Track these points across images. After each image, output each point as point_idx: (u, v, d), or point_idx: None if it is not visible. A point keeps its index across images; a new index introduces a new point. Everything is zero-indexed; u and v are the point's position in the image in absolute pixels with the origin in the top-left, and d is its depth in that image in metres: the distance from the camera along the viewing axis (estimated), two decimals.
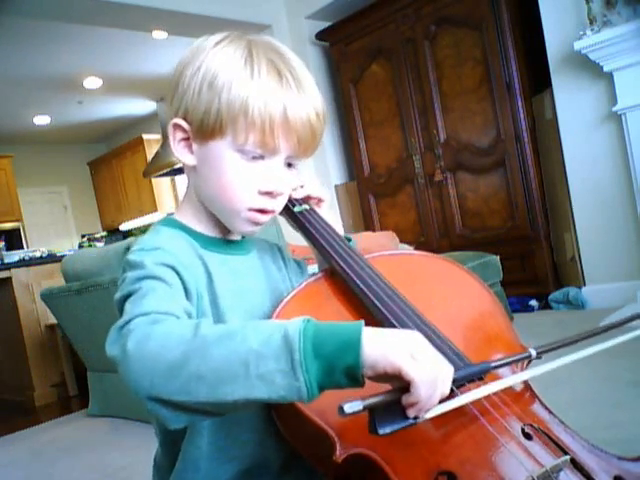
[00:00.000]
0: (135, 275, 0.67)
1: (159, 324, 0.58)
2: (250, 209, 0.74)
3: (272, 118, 0.70)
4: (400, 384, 0.55)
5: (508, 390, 0.69)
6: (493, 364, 0.66)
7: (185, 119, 0.73)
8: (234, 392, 0.54)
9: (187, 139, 0.75)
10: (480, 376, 0.66)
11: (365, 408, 0.54)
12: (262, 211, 0.75)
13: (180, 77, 0.74)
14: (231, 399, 0.54)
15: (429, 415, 0.57)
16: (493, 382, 0.65)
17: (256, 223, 0.76)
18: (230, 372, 0.54)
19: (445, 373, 0.57)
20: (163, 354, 0.55)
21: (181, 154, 0.76)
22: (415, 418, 0.57)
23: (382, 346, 0.55)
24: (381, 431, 0.56)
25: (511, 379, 0.68)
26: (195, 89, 0.72)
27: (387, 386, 0.57)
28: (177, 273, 0.68)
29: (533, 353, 0.64)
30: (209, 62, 0.72)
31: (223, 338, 0.55)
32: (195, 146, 0.75)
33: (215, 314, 0.73)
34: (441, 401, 0.58)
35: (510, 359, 0.68)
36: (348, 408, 0.52)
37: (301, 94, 0.72)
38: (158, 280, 0.65)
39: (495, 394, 0.66)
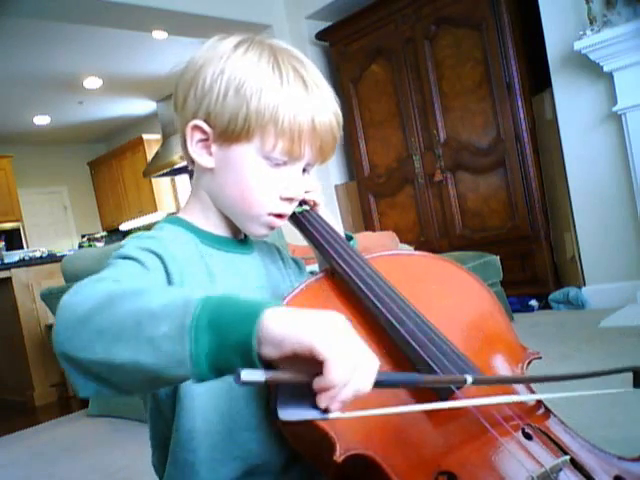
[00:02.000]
0: (114, 254, 0.68)
1: (100, 282, 0.57)
2: (270, 214, 0.76)
3: (301, 127, 0.71)
4: (313, 371, 0.48)
5: (509, 391, 0.69)
6: (425, 378, 0.59)
7: (206, 121, 0.73)
8: (123, 353, 0.49)
9: (205, 140, 0.74)
10: (405, 386, 0.58)
11: (267, 382, 0.46)
12: (280, 216, 0.77)
13: (196, 77, 0.73)
14: (119, 360, 0.50)
15: (341, 416, 0.50)
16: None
17: (272, 227, 0.78)
18: (124, 330, 0.50)
19: (368, 364, 0.50)
20: (78, 307, 0.53)
21: (199, 156, 0.75)
22: (325, 412, 0.49)
23: (291, 322, 0.48)
24: (282, 416, 0.50)
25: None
26: (220, 93, 0.71)
27: None
28: (161, 261, 0.68)
29: (469, 380, 0.57)
30: (233, 66, 0.71)
31: (130, 295, 0.52)
32: (215, 148, 0.74)
33: None
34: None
35: (442, 379, 0.63)
36: (246, 375, 0.45)
37: (324, 102, 0.74)
38: (133, 260, 0.66)
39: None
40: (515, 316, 3.21)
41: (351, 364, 0.48)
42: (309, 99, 0.72)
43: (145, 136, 7.41)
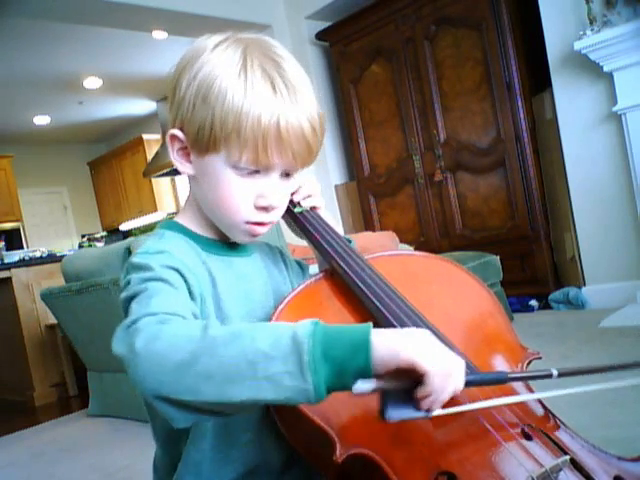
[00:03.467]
0: (141, 276, 0.66)
1: (167, 324, 0.58)
2: (247, 222, 0.75)
3: (265, 135, 0.68)
4: (413, 379, 0.55)
5: (508, 392, 0.69)
6: (510, 375, 0.64)
7: (182, 130, 0.73)
8: (242, 392, 0.54)
9: (184, 148, 0.74)
10: (493, 384, 0.64)
11: (376, 389, 0.54)
12: (260, 224, 0.75)
13: (177, 82, 0.73)
14: (238, 399, 0.54)
15: (442, 412, 0.57)
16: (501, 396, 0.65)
17: (254, 235, 0.76)
18: (238, 372, 0.54)
19: (458, 366, 0.57)
20: (172, 353, 0.55)
21: (180, 164, 0.75)
22: (427, 412, 0.57)
23: (393, 344, 0.55)
24: (389, 416, 0.56)
25: (525, 396, 0.68)
26: (190, 101, 0.70)
27: None
28: (182, 276, 0.68)
29: (554, 373, 0.62)
30: (204, 70, 0.70)
31: (232, 338, 0.55)
32: (193, 157, 0.74)
33: (219, 317, 0.73)
34: (449, 404, 0.58)
35: (529, 374, 0.67)
36: (358, 387, 0.53)
37: (295, 107, 0.70)
38: (164, 282, 0.65)
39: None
40: (515, 316, 3.20)
41: (446, 373, 0.55)
42: (275, 102, 0.68)
43: (145, 136, 7.41)
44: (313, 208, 0.89)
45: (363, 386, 0.53)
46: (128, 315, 0.62)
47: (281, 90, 0.69)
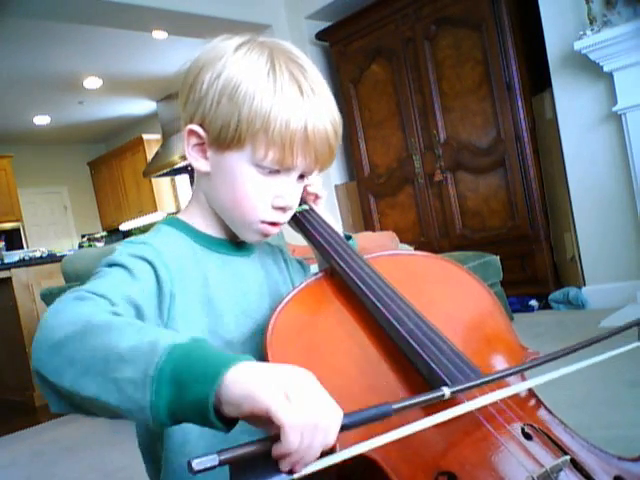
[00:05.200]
0: (107, 260, 0.68)
1: (82, 302, 0.58)
2: (263, 222, 0.75)
3: (293, 136, 0.69)
4: (273, 431, 0.46)
5: (503, 386, 0.69)
6: (395, 406, 0.53)
7: (201, 126, 0.72)
8: (89, 387, 0.51)
9: (201, 144, 0.74)
10: (376, 421, 0.53)
11: (222, 462, 0.44)
12: (274, 224, 0.76)
13: (196, 80, 0.72)
14: (86, 394, 0.51)
15: (308, 469, 0.47)
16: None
17: (266, 235, 0.77)
18: (93, 366, 0.51)
19: (329, 421, 0.47)
20: (56, 331, 0.54)
21: (195, 160, 0.75)
22: (290, 472, 0.47)
23: (251, 382, 0.46)
24: None
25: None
26: (214, 98, 0.70)
27: None
28: (153, 268, 0.68)
29: (447, 393, 0.56)
30: (230, 70, 0.70)
31: (104, 329, 0.53)
32: (210, 153, 0.74)
33: (211, 316, 0.73)
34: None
35: (417, 400, 0.56)
36: (197, 464, 0.43)
37: (320, 110, 0.71)
38: (121, 267, 0.66)
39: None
40: (515, 316, 3.20)
41: (310, 427, 0.46)
42: (303, 106, 0.69)
43: (145, 136, 7.41)
44: (316, 197, 0.88)
45: (202, 465, 0.43)
46: None
47: (308, 94, 0.70)
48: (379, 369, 0.69)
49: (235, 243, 0.81)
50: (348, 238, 0.90)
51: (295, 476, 0.47)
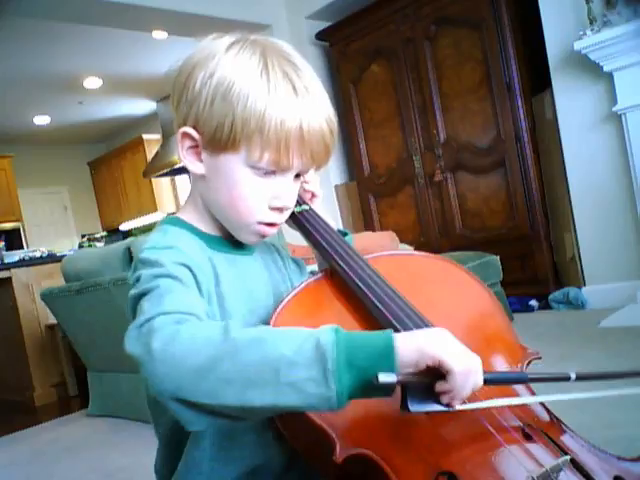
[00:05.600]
0: (152, 273, 0.65)
1: (184, 325, 0.57)
2: (260, 223, 0.74)
3: (288, 136, 0.68)
4: (434, 374, 0.57)
5: (508, 392, 0.69)
6: (531, 376, 0.66)
7: (195, 128, 0.71)
8: (263, 398, 0.54)
9: (196, 147, 0.73)
10: (513, 383, 0.68)
11: (399, 382, 0.55)
12: (271, 224, 0.75)
13: (188, 80, 0.72)
14: (259, 404, 0.54)
15: (463, 407, 0.59)
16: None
17: (263, 236, 0.76)
18: (260, 378, 0.54)
19: (477, 364, 0.59)
20: (191, 356, 0.55)
21: (189, 162, 0.74)
22: (447, 406, 0.59)
23: (418, 344, 0.57)
24: (412, 407, 0.58)
25: (542, 397, 0.69)
26: (207, 98, 0.69)
27: None
28: (192, 273, 0.67)
29: (572, 376, 0.64)
30: (223, 70, 0.69)
31: (253, 343, 0.56)
32: (205, 155, 0.73)
33: (222, 315, 0.73)
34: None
35: (548, 376, 0.67)
36: (383, 377, 0.53)
37: (315, 109, 0.71)
38: (174, 279, 0.64)
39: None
40: (515, 316, 3.20)
41: (468, 371, 0.57)
42: (298, 105, 0.69)
43: (145, 136, 7.41)
44: (312, 195, 0.88)
45: (387, 378, 0.53)
46: (139, 313, 0.61)
47: (302, 92, 0.70)
48: None
49: (237, 243, 0.81)
50: (344, 234, 0.90)
51: (451, 409, 0.59)
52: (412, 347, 0.57)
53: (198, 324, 0.59)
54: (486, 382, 0.60)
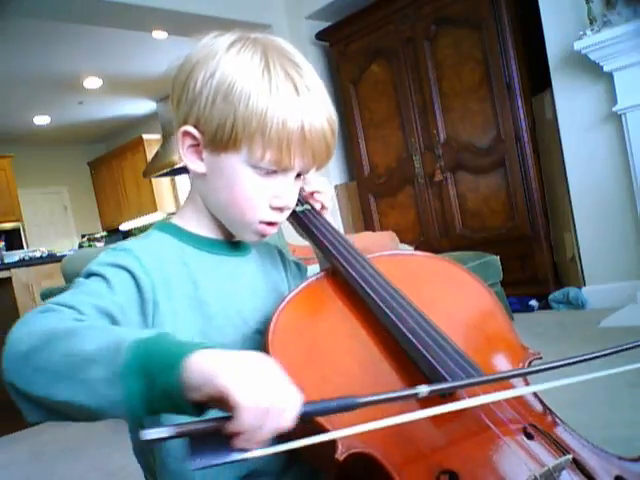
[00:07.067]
0: (84, 270, 0.68)
1: (48, 313, 0.58)
2: (261, 222, 0.74)
3: (290, 135, 0.68)
4: (229, 411, 0.48)
5: (508, 387, 0.69)
6: (360, 400, 0.53)
7: (196, 127, 0.71)
8: (61, 392, 0.52)
9: (197, 145, 0.73)
10: (339, 412, 0.54)
11: (173, 436, 0.46)
12: (272, 224, 0.75)
13: (189, 79, 0.71)
14: (60, 399, 0.52)
15: (261, 453, 0.49)
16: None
17: (263, 235, 0.76)
18: (61, 371, 0.52)
19: (284, 405, 0.49)
20: (23, 342, 0.55)
21: (190, 161, 0.74)
22: (241, 451, 0.49)
23: (211, 366, 0.48)
24: (193, 464, 0.47)
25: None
26: (209, 97, 0.69)
27: None
28: (132, 276, 0.67)
29: (423, 390, 0.54)
30: (224, 69, 0.69)
31: (68, 335, 0.54)
32: (206, 154, 0.72)
33: (203, 319, 0.73)
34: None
35: (384, 397, 0.56)
36: (149, 434, 0.45)
37: (316, 108, 0.70)
38: (99, 277, 0.66)
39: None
40: (515, 316, 3.20)
41: (262, 408, 0.47)
42: (299, 105, 0.68)
43: (145, 136, 7.41)
44: (322, 207, 0.88)
45: (153, 435, 0.44)
46: None
47: (303, 92, 0.69)
48: (381, 368, 0.69)
49: (231, 243, 0.81)
50: None
51: (246, 455, 0.49)
52: (202, 368, 0.48)
53: (54, 315, 0.59)
54: (303, 418, 0.50)
